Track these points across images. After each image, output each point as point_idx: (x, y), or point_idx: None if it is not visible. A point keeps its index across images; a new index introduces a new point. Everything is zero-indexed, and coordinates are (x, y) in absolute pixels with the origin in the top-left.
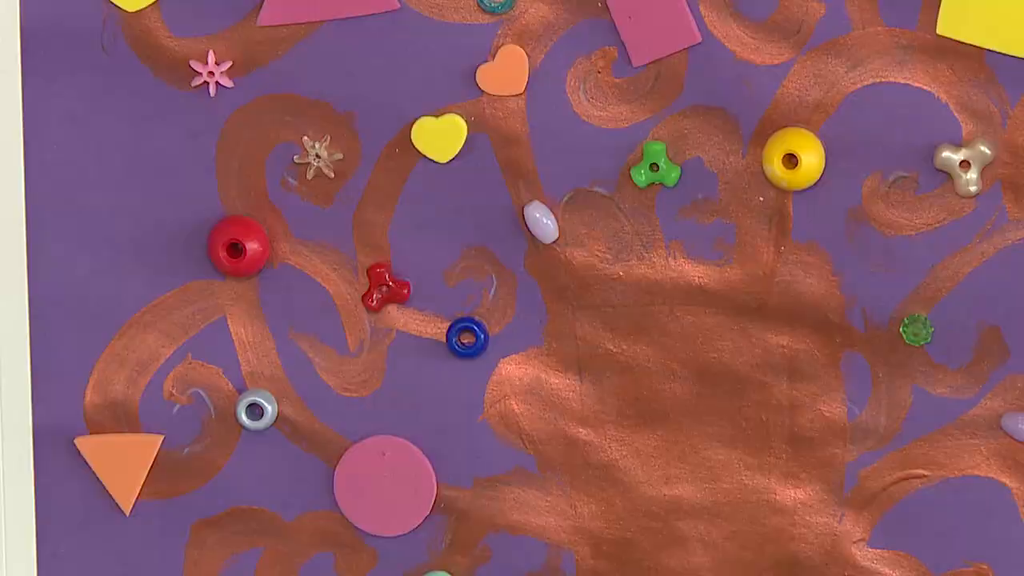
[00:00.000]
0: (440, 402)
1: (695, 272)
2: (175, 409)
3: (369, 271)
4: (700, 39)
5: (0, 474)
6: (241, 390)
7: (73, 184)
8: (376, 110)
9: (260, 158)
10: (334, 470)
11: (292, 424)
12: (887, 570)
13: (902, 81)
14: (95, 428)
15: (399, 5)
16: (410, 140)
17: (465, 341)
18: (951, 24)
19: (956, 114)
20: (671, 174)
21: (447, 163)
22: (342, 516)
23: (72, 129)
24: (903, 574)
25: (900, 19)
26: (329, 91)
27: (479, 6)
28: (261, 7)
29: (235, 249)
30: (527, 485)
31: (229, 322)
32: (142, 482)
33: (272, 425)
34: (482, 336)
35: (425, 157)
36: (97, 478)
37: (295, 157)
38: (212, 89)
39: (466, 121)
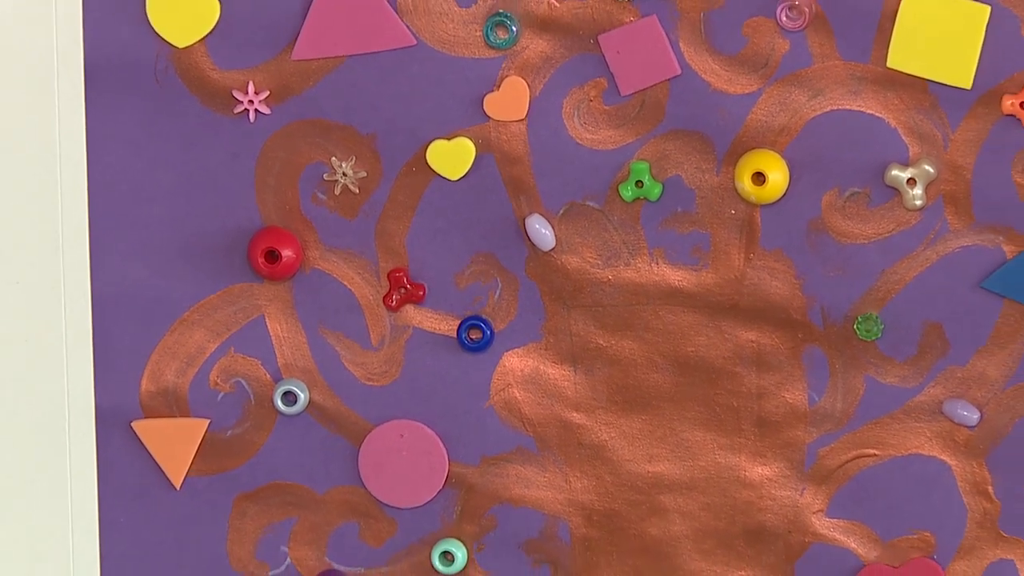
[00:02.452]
0: (451, 390)
1: (675, 276)
2: (219, 396)
3: (389, 275)
4: (680, 71)
5: (67, 453)
6: (277, 379)
7: (131, 199)
8: (395, 133)
9: (294, 176)
10: (359, 450)
11: (322, 409)
12: (842, 537)
13: (856, 108)
14: (150, 413)
15: (415, 42)
16: (425, 160)
17: (473, 337)
18: (900, 58)
19: (904, 137)
20: (654, 190)
21: (458, 180)
22: (366, 490)
23: (130, 150)
24: (856, 540)
25: (855, 54)
26: (354, 116)
27: (486, 43)
28: (295, 43)
29: (272, 256)
30: (527, 463)
31: (267, 320)
32: (191, 460)
33: (304, 410)
34: (488, 332)
35: (438, 175)
36: (151, 457)
37: (324, 175)
38: (252, 115)
39: (474, 143)
